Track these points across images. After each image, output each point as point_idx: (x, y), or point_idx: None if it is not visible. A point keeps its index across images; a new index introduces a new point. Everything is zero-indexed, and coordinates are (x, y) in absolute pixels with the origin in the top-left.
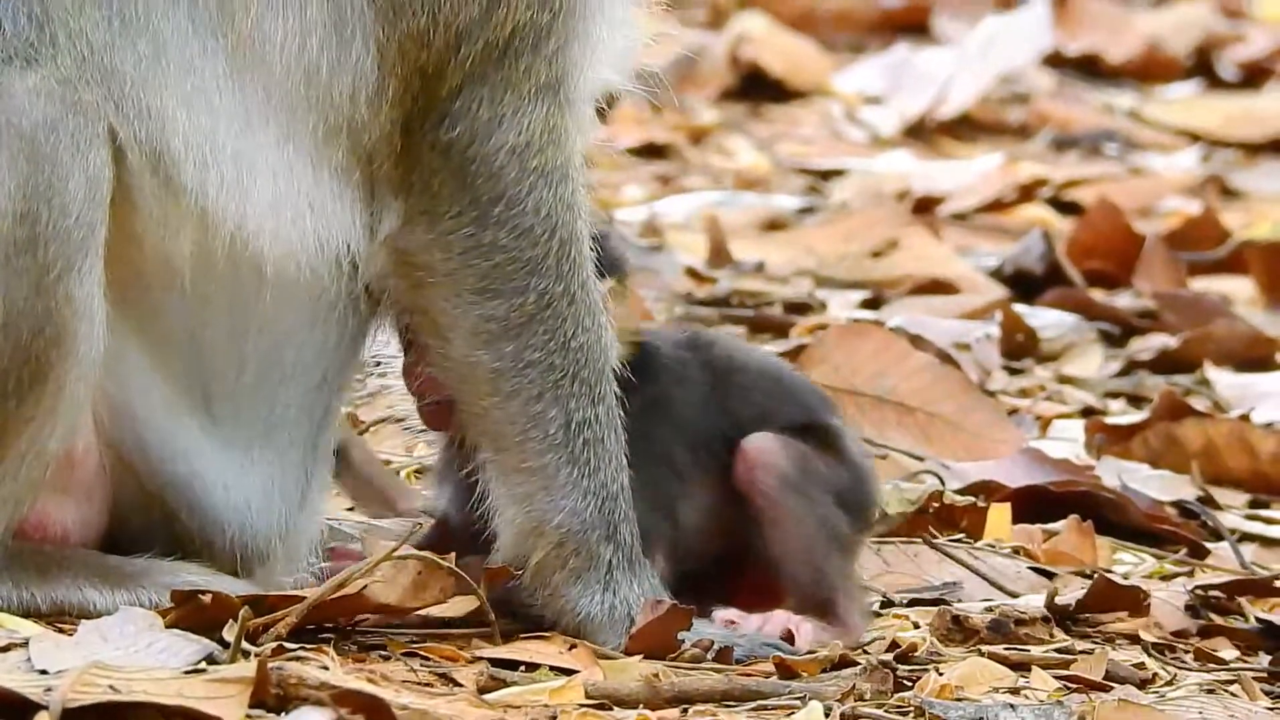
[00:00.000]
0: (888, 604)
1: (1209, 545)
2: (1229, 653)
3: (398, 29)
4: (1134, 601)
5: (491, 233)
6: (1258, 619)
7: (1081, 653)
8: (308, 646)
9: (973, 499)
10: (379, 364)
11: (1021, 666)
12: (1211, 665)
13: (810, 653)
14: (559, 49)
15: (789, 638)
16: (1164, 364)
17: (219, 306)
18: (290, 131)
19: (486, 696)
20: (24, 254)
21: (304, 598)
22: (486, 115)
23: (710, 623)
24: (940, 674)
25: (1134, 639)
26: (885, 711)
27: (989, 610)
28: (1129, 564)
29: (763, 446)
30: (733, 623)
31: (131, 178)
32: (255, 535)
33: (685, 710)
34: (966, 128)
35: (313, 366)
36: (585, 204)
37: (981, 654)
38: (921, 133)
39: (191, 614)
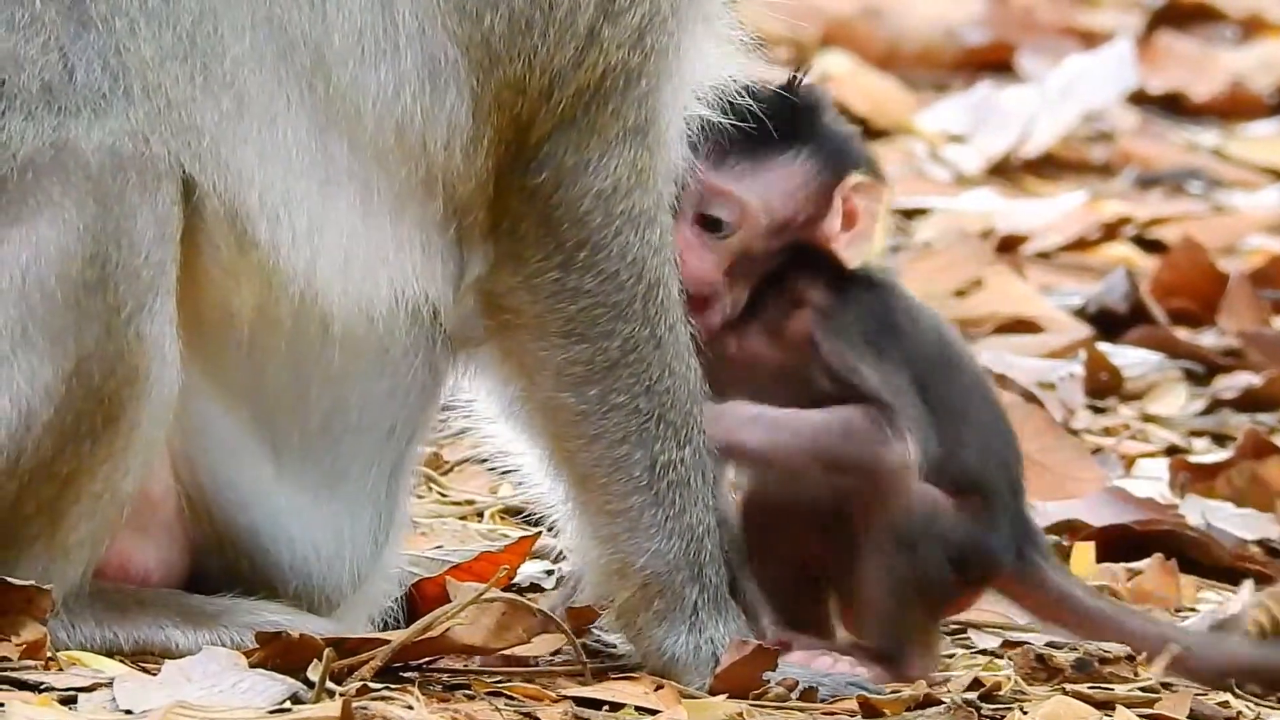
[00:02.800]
0: (972, 643)
1: None
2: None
3: (493, 77)
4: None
5: (577, 277)
6: None
7: (1166, 691)
8: (392, 686)
9: (1057, 538)
10: (460, 406)
11: (1106, 705)
12: None
13: (895, 692)
14: (649, 91)
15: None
16: (1248, 402)
17: (282, 359)
18: (373, 185)
19: None
20: (94, 295)
21: (388, 639)
22: (572, 160)
23: (796, 664)
24: (1024, 713)
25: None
26: None
27: (1074, 649)
28: (1213, 603)
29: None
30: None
31: (205, 226)
32: (324, 585)
33: None
34: (1050, 166)
35: (381, 417)
36: (672, 247)
37: (1066, 693)
38: (1005, 171)
39: (275, 654)
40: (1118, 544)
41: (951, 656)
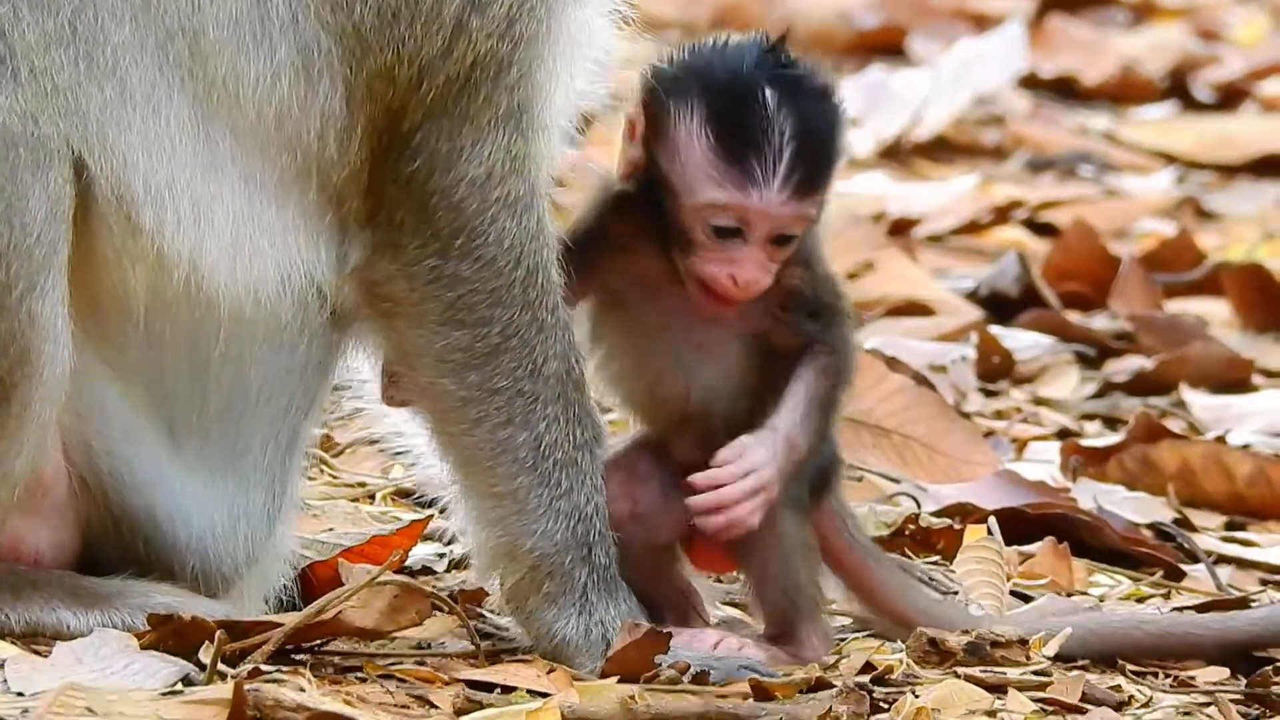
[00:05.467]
0: (864, 626)
1: (1185, 567)
2: (1205, 675)
3: (365, 66)
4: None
5: (454, 264)
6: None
7: (1058, 675)
8: (284, 669)
9: (949, 521)
10: (352, 387)
11: (998, 689)
12: (1188, 688)
13: (787, 675)
14: (521, 78)
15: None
16: (1140, 386)
17: (176, 340)
18: (256, 172)
19: (463, 718)
20: None
21: (280, 622)
22: (446, 148)
23: (688, 646)
24: (917, 696)
25: (1110, 661)
26: None
27: (965, 632)
28: (1105, 586)
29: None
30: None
31: (96, 207)
32: (220, 564)
33: None
34: (942, 149)
35: (277, 395)
36: (552, 231)
37: (958, 676)
38: (897, 154)
39: (167, 636)
40: (1010, 527)
41: (843, 640)
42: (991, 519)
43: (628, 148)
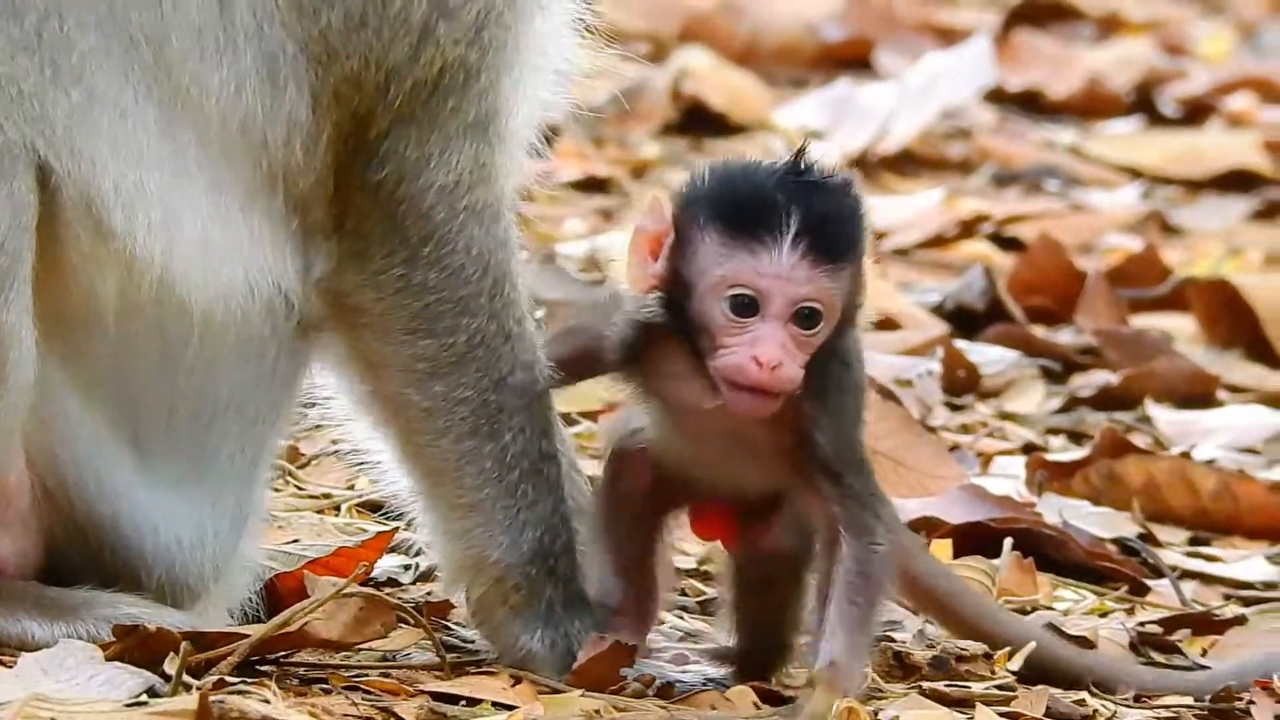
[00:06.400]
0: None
1: (1149, 582)
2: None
3: (331, 73)
4: (1079, 640)
5: (422, 273)
6: (1196, 664)
7: (1022, 690)
8: (249, 680)
9: (915, 535)
10: (317, 399)
11: (963, 703)
12: (1151, 703)
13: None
14: (489, 86)
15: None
16: (1105, 401)
17: (146, 347)
18: (222, 179)
19: None
20: None
21: (246, 634)
22: (414, 155)
23: (654, 660)
24: (881, 711)
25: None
26: None
27: (930, 647)
28: (1069, 601)
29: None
30: (684, 657)
31: (63, 213)
32: (186, 574)
33: None
34: (908, 163)
35: (246, 404)
36: (518, 241)
37: (923, 691)
38: (863, 167)
39: (133, 647)
40: (975, 541)
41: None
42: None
43: (646, 265)
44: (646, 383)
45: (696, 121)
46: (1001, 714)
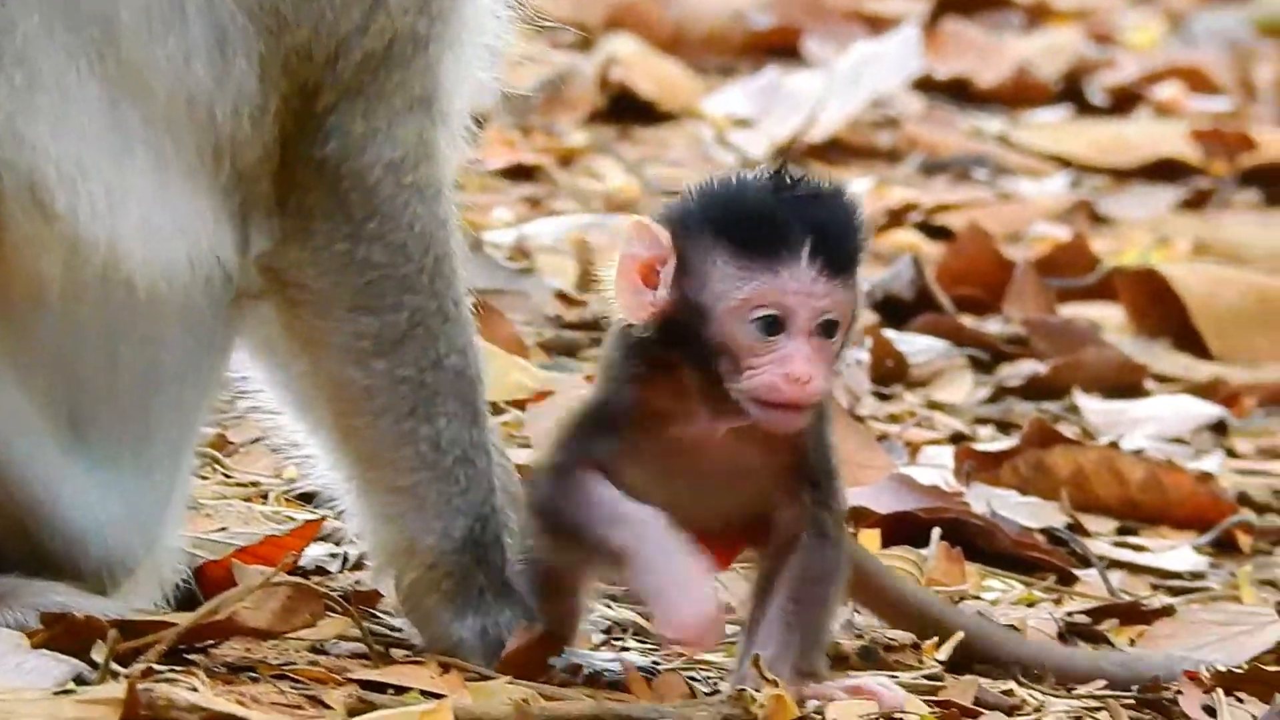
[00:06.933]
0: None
1: (1077, 572)
2: (1097, 680)
3: (281, 43)
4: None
5: (365, 249)
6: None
7: (950, 679)
8: (177, 668)
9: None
10: (250, 388)
11: None
12: (1079, 693)
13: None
14: (434, 61)
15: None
16: (1033, 390)
17: (89, 324)
18: (167, 154)
19: (356, 719)
20: None
21: (174, 622)
22: (360, 130)
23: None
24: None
25: (1003, 665)
26: None
27: (858, 637)
28: (997, 590)
29: None
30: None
31: (5, 195)
32: (121, 553)
33: None
34: (836, 151)
35: (184, 380)
36: (458, 221)
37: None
38: (791, 156)
39: (60, 635)
40: (903, 531)
41: (732, 642)
42: None
43: (641, 293)
44: (642, 426)
45: (624, 109)
46: (930, 703)
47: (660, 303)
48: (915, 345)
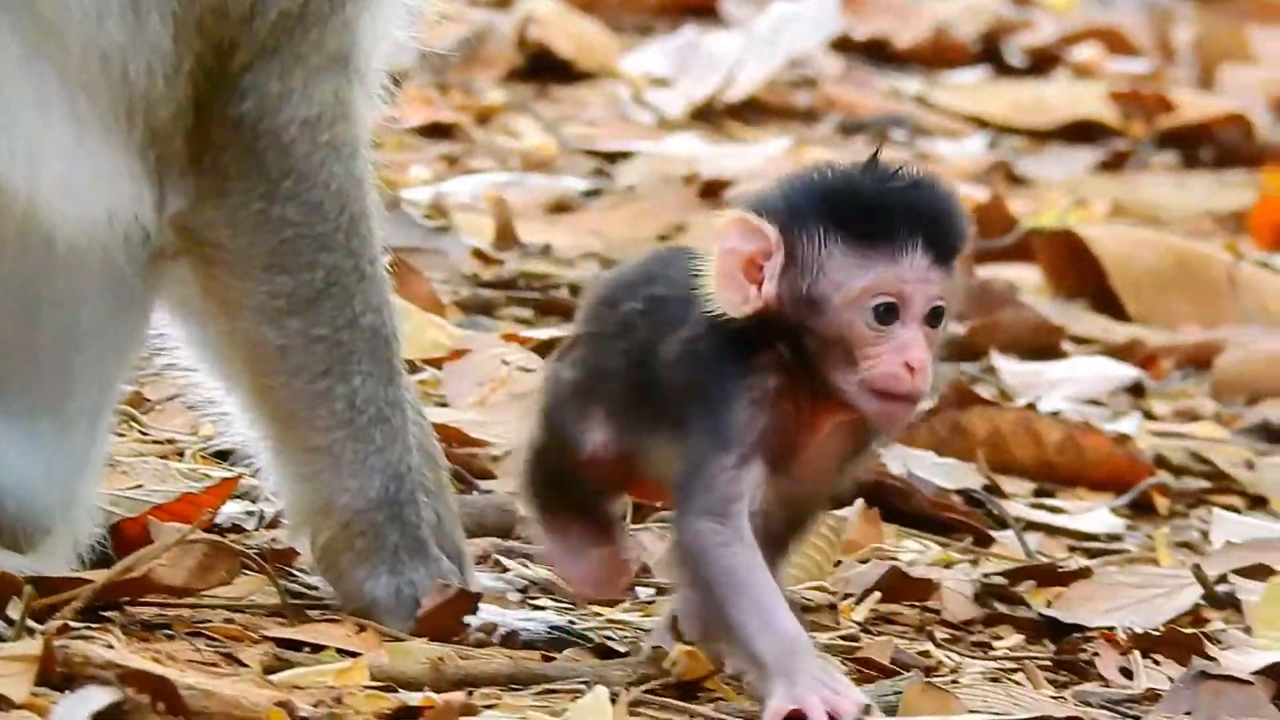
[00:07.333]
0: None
1: (994, 533)
2: (1013, 640)
3: (196, 2)
4: (924, 591)
5: (280, 207)
6: (1041, 614)
7: (867, 639)
8: (93, 626)
9: None
10: (167, 345)
11: None
12: (995, 653)
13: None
14: (352, 19)
15: None
16: (951, 352)
17: (9, 282)
18: (84, 111)
19: (271, 677)
20: None
21: (89, 579)
22: (276, 89)
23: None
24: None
25: (919, 627)
26: (671, 699)
27: None
28: (914, 551)
29: None
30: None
31: None
32: (38, 511)
33: (470, 693)
34: (754, 111)
35: (103, 337)
36: (374, 179)
37: None
38: (709, 116)
39: None
40: None
41: (652, 603)
42: None
43: (746, 288)
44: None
45: (542, 68)
46: (847, 662)
47: (766, 297)
48: None
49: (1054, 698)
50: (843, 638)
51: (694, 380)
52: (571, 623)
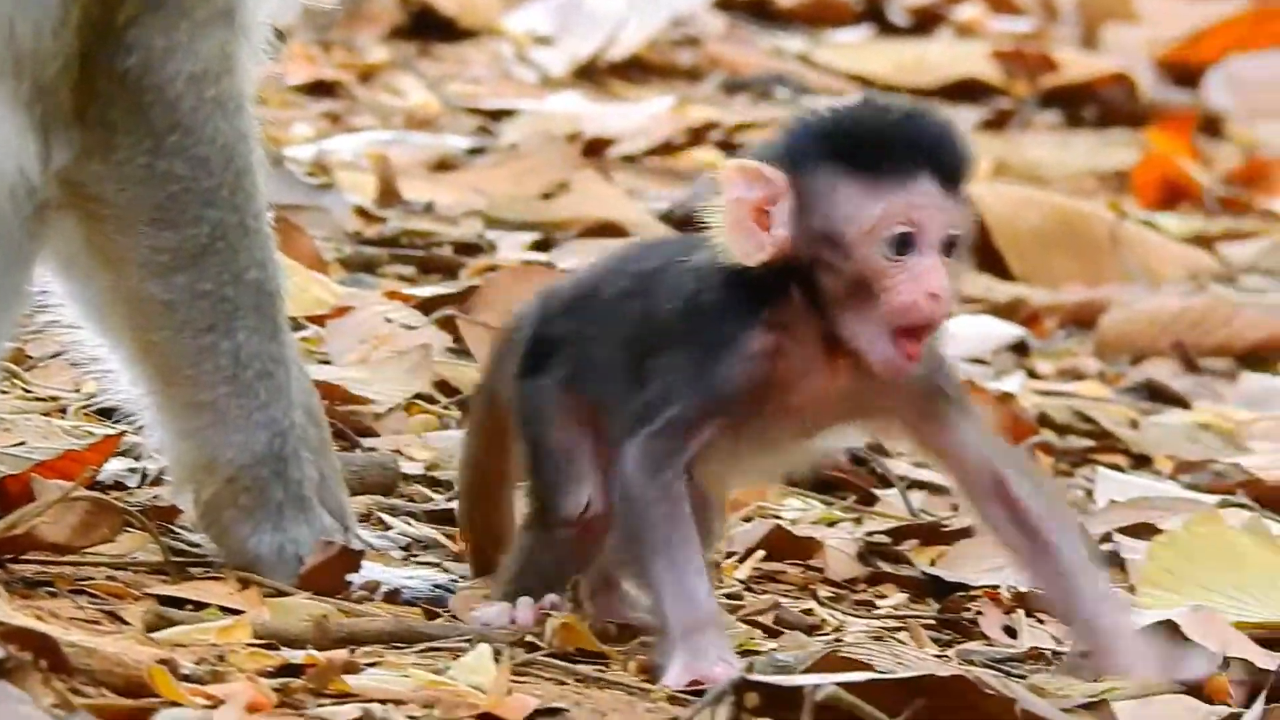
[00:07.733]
0: None
1: (878, 492)
2: (897, 599)
3: None
4: (807, 549)
5: (166, 162)
6: (924, 573)
7: (750, 598)
8: None
9: None
10: (50, 303)
11: None
12: (879, 612)
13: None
14: None
15: None
16: None
17: None
18: None
19: (154, 635)
20: None
21: None
22: (162, 44)
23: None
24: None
25: (803, 585)
26: (554, 658)
27: None
28: (798, 510)
29: None
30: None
31: None
32: None
33: (353, 651)
34: (637, 70)
35: None
36: (259, 136)
37: None
38: (592, 74)
39: None
40: None
41: None
42: None
43: (759, 234)
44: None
45: (425, 26)
46: (738, 620)
47: (779, 241)
48: None
49: (938, 656)
50: (726, 596)
51: (689, 330)
52: (454, 581)
